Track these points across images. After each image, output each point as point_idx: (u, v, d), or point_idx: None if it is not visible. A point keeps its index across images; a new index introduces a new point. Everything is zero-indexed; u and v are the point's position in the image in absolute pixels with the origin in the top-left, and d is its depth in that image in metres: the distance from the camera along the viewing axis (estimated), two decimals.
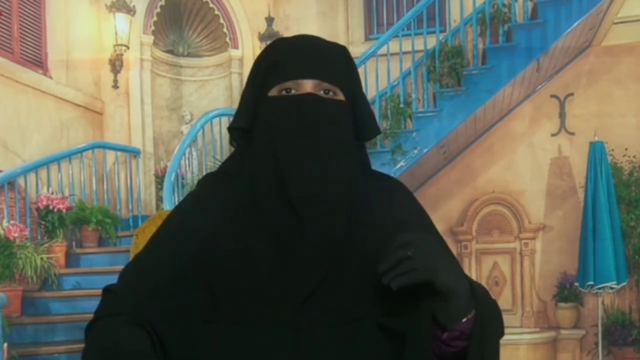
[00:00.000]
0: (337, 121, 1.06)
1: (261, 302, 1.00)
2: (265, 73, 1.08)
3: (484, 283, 5.93)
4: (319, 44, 1.10)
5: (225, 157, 5.92)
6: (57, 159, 5.49)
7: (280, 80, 1.06)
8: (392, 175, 1.28)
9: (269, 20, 6.64)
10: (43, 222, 5.08)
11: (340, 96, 1.07)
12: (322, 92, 1.06)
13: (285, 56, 1.07)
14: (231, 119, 1.15)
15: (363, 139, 1.14)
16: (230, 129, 1.14)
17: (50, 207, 5.03)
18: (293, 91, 1.06)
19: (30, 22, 5.58)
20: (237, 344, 0.99)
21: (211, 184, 1.15)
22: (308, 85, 1.05)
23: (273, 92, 1.07)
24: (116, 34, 6.12)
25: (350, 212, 1.05)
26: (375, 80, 5.48)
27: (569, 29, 5.28)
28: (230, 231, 1.05)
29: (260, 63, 1.11)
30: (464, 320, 0.99)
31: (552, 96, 5.95)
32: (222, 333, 1.00)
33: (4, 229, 4.42)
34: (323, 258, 1.01)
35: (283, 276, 1.00)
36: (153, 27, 6.53)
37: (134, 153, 6.26)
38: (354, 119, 1.10)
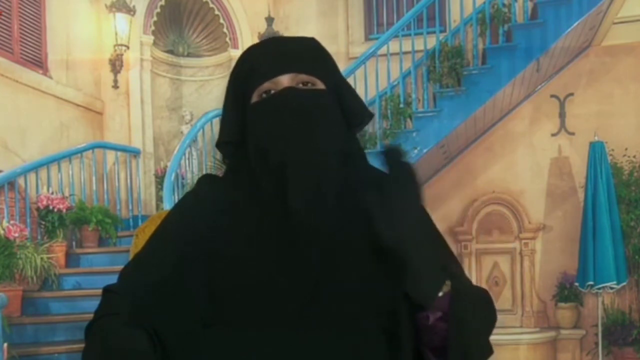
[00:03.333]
0: (319, 109, 1.05)
1: (262, 305, 1.00)
2: (242, 82, 1.08)
3: (484, 283, 5.94)
4: (287, 40, 1.11)
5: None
6: (57, 159, 5.49)
7: (257, 84, 1.05)
8: None
9: (269, 20, 6.64)
10: (43, 222, 5.08)
11: (320, 85, 1.06)
12: (300, 85, 1.05)
13: (256, 60, 1.07)
14: None
15: (355, 125, 1.12)
16: (218, 145, 1.13)
17: (50, 207, 5.03)
18: (272, 91, 1.05)
19: (30, 22, 5.58)
20: (239, 348, 0.99)
21: (211, 184, 1.15)
22: (285, 81, 1.04)
23: (254, 99, 1.06)
24: (116, 34, 6.12)
25: (348, 212, 1.04)
26: (375, 80, 5.48)
27: (569, 29, 5.27)
28: (230, 232, 1.05)
29: (236, 73, 1.10)
30: (440, 295, 0.98)
31: (552, 96, 5.95)
32: (224, 337, 1.00)
33: (4, 229, 4.42)
34: (320, 263, 1.00)
35: (283, 279, 1.00)
36: (153, 27, 6.53)
37: (134, 153, 6.26)
38: (341, 107, 1.09)
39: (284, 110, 1.04)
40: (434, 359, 1.01)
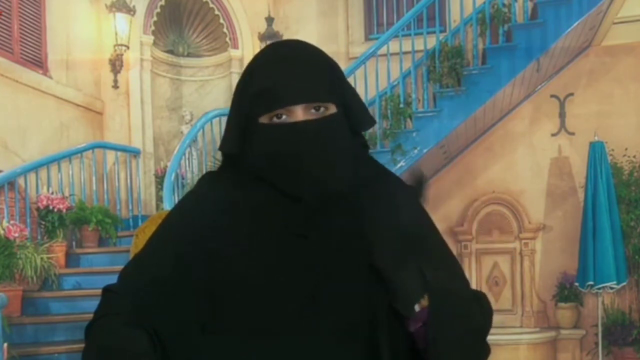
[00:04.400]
0: (332, 137, 1.05)
1: (262, 305, 1.00)
2: (252, 100, 1.06)
3: (484, 283, 5.95)
4: (300, 58, 1.07)
5: None
6: (57, 159, 5.48)
7: (270, 109, 1.04)
8: None
9: (269, 20, 6.64)
10: (43, 222, 5.08)
11: (332, 108, 1.06)
12: (312, 110, 1.04)
13: (270, 82, 1.05)
14: None
15: (358, 130, 1.13)
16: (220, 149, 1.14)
17: (50, 207, 5.03)
18: (284, 117, 1.04)
19: (30, 22, 5.58)
20: (239, 348, 0.99)
21: (211, 184, 1.15)
22: (299, 112, 1.04)
23: (264, 119, 1.06)
24: (116, 34, 6.12)
25: (349, 215, 1.05)
26: (375, 80, 5.48)
27: (569, 29, 5.27)
28: (230, 232, 1.05)
29: (245, 90, 1.08)
30: (418, 309, 1.00)
31: (552, 96, 5.95)
32: (223, 337, 1.00)
33: (4, 229, 4.41)
34: (321, 267, 1.01)
35: (283, 279, 1.00)
36: (153, 27, 6.53)
37: (134, 153, 6.26)
38: (347, 114, 1.09)
39: (297, 142, 1.03)
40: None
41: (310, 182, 1.03)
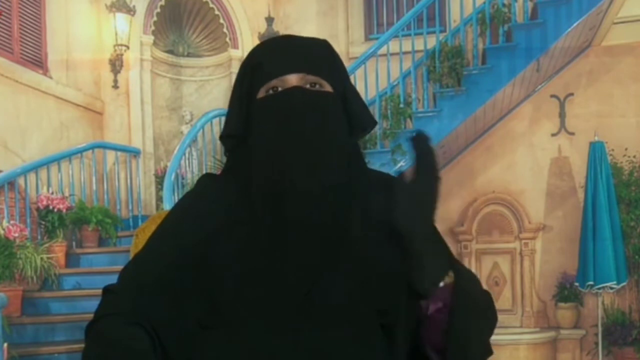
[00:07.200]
0: (325, 111, 1.05)
1: (261, 303, 1.00)
2: (250, 76, 1.07)
3: (483, 283, 5.91)
4: (299, 40, 1.10)
5: (225, 157, 5.90)
6: (57, 159, 5.49)
7: (265, 81, 1.05)
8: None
9: (269, 20, 6.64)
10: (43, 222, 5.08)
11: (327, 87, 1.06)
12: (308, 86, 1.05)
13: (266, 56, 1.07)
14: None
15: (358, 132, 1.12)
16: (222, 138, 1.13)
17: (50, 207, 5.03)
18: (279, 89, 1.05)
19: (30, 22, 5.58)
20: (238, 346, 0.99)
21: (210, 183, 1.15)
22: (292, 80, 1.04)
23: (260, 94, 1.06)
24: (116, 34, 6.12)
25: (347, 210, 1.05)
26: (375, 80, 5.48)
27: (569, 29, 5.27)
28: (229, 231, 1.05)
29: (244, 68, 1.10)
30: (442, 285, 0.99)
31: (552, 96, 5.95)
32: (223, 335, 1.00)
33: (4, 229, 4.42)
34: (319, 259, 1.01)
35: (282, 277, 1.01)
36: (153, 27, 6.53)
37: (134, 153, 6.26)
38: (346, 112, 1.09)
39: (289, 109, 1.03)
40: (434, 355, 1.02)
41: (297, 153, 1.01)
